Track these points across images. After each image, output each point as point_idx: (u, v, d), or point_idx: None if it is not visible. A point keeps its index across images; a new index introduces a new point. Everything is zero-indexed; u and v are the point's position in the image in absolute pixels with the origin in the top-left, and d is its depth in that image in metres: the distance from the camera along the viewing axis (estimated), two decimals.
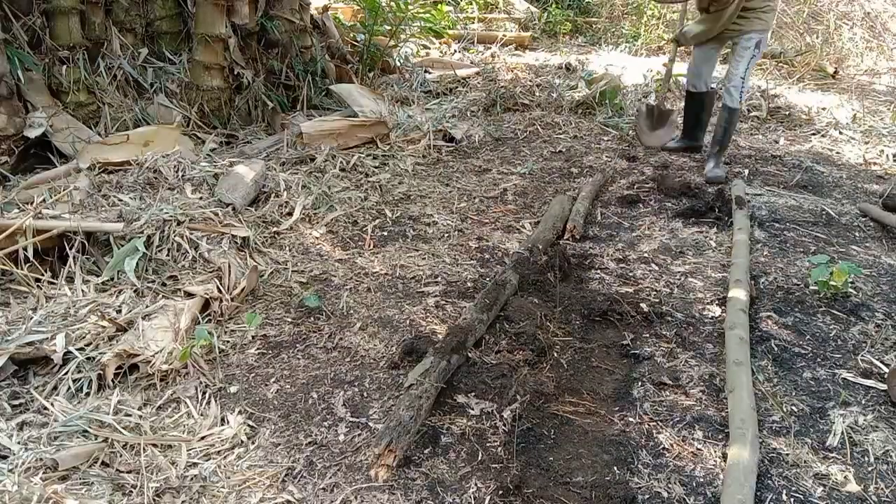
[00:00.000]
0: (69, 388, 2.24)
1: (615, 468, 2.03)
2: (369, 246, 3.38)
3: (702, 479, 2.00)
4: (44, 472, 1.91)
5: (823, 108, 5.85)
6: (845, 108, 5.81)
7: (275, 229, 3.40)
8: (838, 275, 2.85)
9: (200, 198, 3.32)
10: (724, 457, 2.04)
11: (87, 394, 2.23)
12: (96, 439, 2.04)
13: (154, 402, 2.24)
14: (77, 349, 2.34)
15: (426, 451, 2.05)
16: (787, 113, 5.75)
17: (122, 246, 2.84)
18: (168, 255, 2.88)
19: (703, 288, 3.03)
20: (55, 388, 2.25)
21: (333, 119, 4.67)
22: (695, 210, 3.79)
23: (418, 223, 3.66)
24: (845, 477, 2.02)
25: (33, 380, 2.29)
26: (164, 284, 2.78)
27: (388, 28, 6.29)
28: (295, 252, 3.27)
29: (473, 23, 8.75)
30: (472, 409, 2.22)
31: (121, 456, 2.00)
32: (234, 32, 4.75)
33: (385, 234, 3.54)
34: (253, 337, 2.62)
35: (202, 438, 2.10)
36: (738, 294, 2.78)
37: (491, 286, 2.81)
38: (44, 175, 3.54)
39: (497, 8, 9.43)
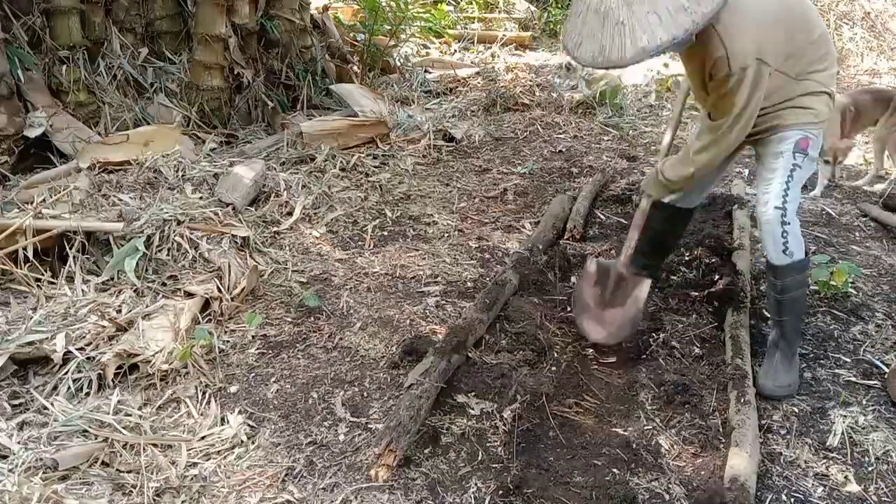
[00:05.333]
0: (69, 387, 2.24)
1: (615, 468, 2.03)
2: (369, 246, 3.38)
3: (702, 480, 2.00)
4: (44, 472, 1.90)
5: None
6: None
7: (275, 229, 3.39)
8: (838, 275, 2.85)
9: (200, 197, 3.32)
10: (725, 457, 2.04)
11: (87, 394, 2.23)
12: (96, 439, 2.04)
13: (154, 402, 2.24)
14: (77, 349, 2.33)
15: (426, 451, 2.05)
16: None
17: (122, 246, 2.84)
18: (168, 254, 2.88)
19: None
20: (55, 387, 2.25)
21: (333, 119, 4.67)
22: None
23: (418, 223, 3.65)
24: (845, 477, 2.02)
25: (33, 380, 2.29)
26: (164, 284, 2.78)
27: (388, 28, 6.28)
28: (295, 252, 3.27)
29: (473, 22, 8.74)
30: (472, 409, 2.22)
31: (121, 456, 2.00)
32: (234, 32, 4.75)
33: (385, 233, 3.53)
34: (253, 337, 2.62)
35: (202, 438, 2.10)
36: (739, 294, 2.78)
37: (491, 286, 2.81)
38: (44, 175, 3.54)
39: (497, 8, 9.43)
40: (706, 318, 2.75)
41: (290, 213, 3.54)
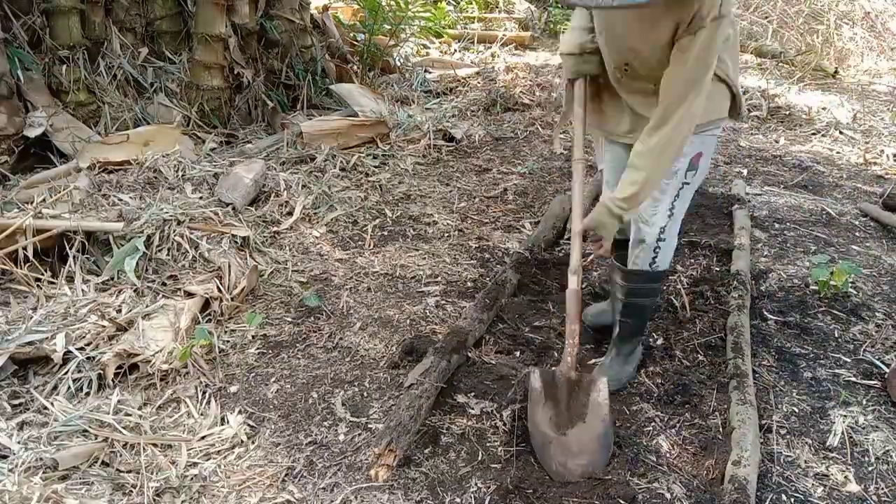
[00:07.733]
0: (69, 387, 2.24)
1: (615, 468, 2.02)
2: (369, 246, 3.38)
3: (702, 480, 2.00)
4: (44, 472, 1.90)
5: (824, 108, 5.84)
6: (845, 108, 5.81)
7: (275, 229, 3.39)
8: (838, 275, 2.85)
9: (200, 197, 3.32)
10: (725, 457, 2.04)
11: (87, 393, 2.23)
12: (96, 439, 2.04)
13: (154, 402, 2.24)
14: (77, 349, 2.34)
15: (426, 451, 2.05)
16: (787, 113, 5.75)
17: (122, 245, 2.84)
18: (168, 254, 2.88)
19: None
20: (55, 387, 2.25)
21: (333, 119, 4.67)
22: None
23: (418, 223, 3.65)
24: (845, 477, 2.02)
25: (33, 379, 2.29)
26: (164, 284, 2.78)
27: (388, 28, 6.28)
28: (295, 252, 3.26)
29: (473, 22, 8.74)
30: (472, 409, 2.22)
31: (121, 456, 2.00)
32: (234, 32, 4.75)
33: (385, 233, 3.53)
34: (253, 337, 2.62)
35: (202, 438, 2.10)
36: (739, 293, 2.77)
37: (491, 286, 2.81)
38: (44, 174, 3.54)
39: (497, 7, 9.43)
40: (714, 326, 2.74)
41: (290, 213, 3.53)
